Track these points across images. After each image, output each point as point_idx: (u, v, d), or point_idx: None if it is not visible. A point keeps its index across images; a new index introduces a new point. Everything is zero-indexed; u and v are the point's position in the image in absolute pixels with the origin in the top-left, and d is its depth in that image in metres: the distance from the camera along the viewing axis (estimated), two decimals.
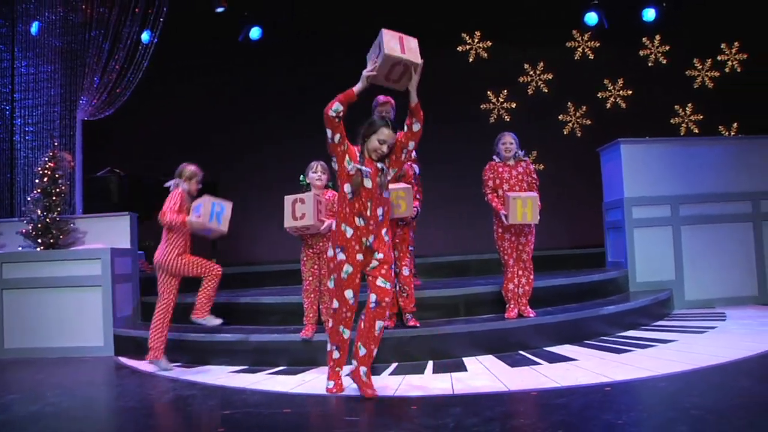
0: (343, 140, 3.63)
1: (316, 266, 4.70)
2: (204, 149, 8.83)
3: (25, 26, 7.02)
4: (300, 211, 4.44)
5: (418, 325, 4.81)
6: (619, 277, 6.51)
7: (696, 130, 9.80)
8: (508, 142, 5.12)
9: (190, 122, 9.46)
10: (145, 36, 7.31)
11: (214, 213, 4.66)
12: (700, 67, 9.90)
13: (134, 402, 3.80)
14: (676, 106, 9.88)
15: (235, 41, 9.34)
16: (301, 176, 4.76)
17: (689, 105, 9.87)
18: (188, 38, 8.64)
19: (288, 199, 4.47)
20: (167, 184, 4.94)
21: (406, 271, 4.83)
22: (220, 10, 8.41)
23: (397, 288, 4.83)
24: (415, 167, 5.06)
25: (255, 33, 9.31)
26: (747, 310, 6.21)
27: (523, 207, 4.76)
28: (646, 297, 5.99)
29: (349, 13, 9.10)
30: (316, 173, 4.70)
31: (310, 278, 4.72)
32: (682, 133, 9.76)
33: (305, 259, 4.72)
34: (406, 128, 3.75)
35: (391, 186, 3.97)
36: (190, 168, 4.96)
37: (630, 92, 9.90)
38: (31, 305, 5.85)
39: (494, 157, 5.18)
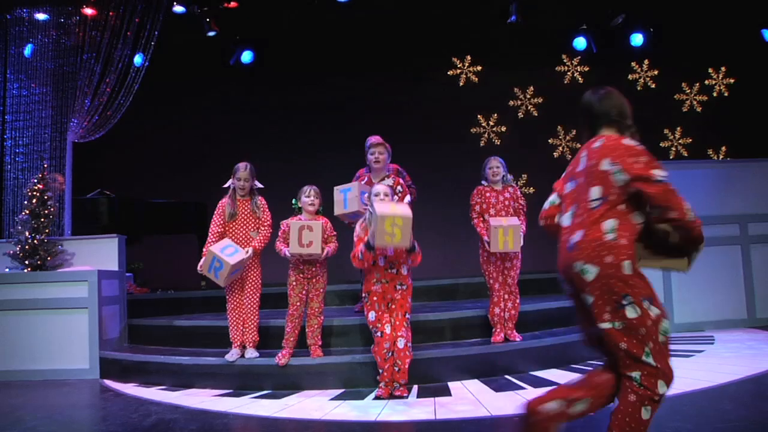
0: None
1: (304, 291, 4.70)
2: (195, 172, 8.88)
3: (17, 48, 7.08)
4: (308, 238, 4.50)
5: (405, 394, 4.24)
6: None
7: (685, 153, 9.89)
8: (494, 166, 5.16)
9: (180, 145, 9.51)
10: (137, 59, 7.37)
11: (213, 268, 4.61)
12: (689, 91, 10.03)
13: (115, 426, 3.76)
14: (665, 130, 9.97)
15: (227, 65, 9.42)
16: (294, 200, 4.78)
17: (678, 128, 9.97)
18: (179, 61, 8.71)
19: (295, 225, 4.51)
20: (226, 185, 4.93)
21: (401, 343, 4.23)
22: (211, 34, 8.49)
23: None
24: (408, 197, 5.09)
25: (247, 57, 9.39)
26: (736, 334, 6.20)
27: (505, 236, 4.79)
28: None
29: (341, 36, 9.21)
30: (309, 197, 4.72)
31: (297, 303, 4.71)
32: (671, 157, 9.84)
33: (294, 283, 4.71)
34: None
35: (383, 207, 3.99)
36: (237, 166, 4.94)
37: None
38: (17, 327, 5.81)
39: (482, 181, 5.22)
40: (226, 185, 4.91)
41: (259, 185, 4.98)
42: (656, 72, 9.96)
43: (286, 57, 9.46)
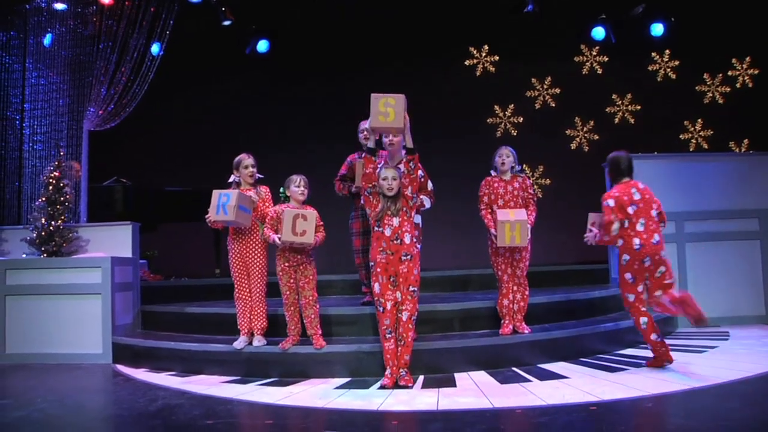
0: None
1: (292, 279, 4.72)
2: (209, 160, 8.92)
3: (36, 38, 7.17)
4: (301, 227, 4.47)
5: (411, 384, 4.19)
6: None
7: (706, 146, 9.69)
8: (504, 155, 5.11)
9: (195, 133, 9.59)
10: (155, 48, 7.43)
11: (220, 205, 4.56)
12: (711, 82, 9.81)
13: (121, 410, 3.82)
14: (685, 122, 9.79)
15: (242, 54, 9.44)
16: (281, 189, 4.77)
17: (699, 120, 9.77)
18: (194, 51, 8.76)
19: (290, 213, 4.47)
20: (230, 180, 4.92)
21: (405, 316, 4.29)
22: (227, 23, 8.51)
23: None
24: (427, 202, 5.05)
25: (263, 46, 9.40)
26: (752, 330, 6.09)
27: (512, 231, 4.74)
28: None
29: (357, 26, 9.18)
30: (299, 187, 4.71)
31: (288, 292, 4.74)
32: (691, 149, 9.66)
33: (281, 273, 4.73)
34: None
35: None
36: (238, 157, 4.92)
37: (638, 107, 9.83)
38: (33, 311, 5.93)
39: (491, 171, 5.17)
40: (229, 180, 4.91)
41: (260, 175, 4.98)
42: (677, 63, 9.76)
43: (301, 47, 9.47)
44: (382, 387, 4.18)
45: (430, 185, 5.00)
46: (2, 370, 5.49)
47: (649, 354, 4.62)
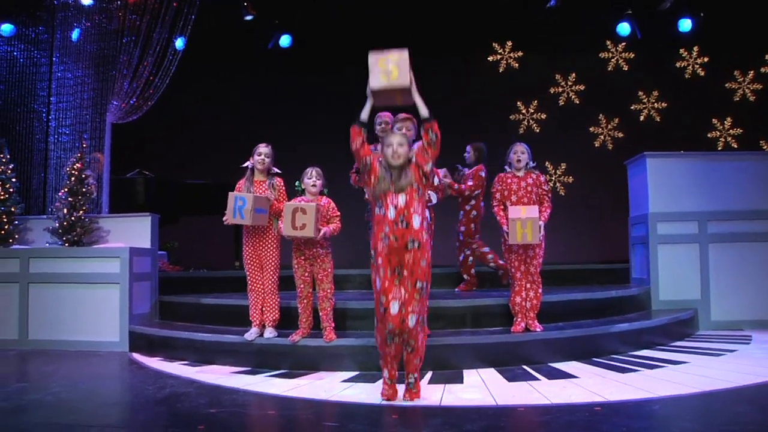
0: None
1: (307, 273, 4.73)
2: (230, 153, 9.01)
3: (63, 33, 7.33)
4: (301, 221, 4.42)
5: (417, 397, 3.67)
6: (640, 294, 6.31)
7: (735, 145, 9.45)
8: (519, 151, 5.06)
9: (216, 126, 9.70)
10: (179, 43, 7.53)
11: (236, 209, 4.62)
12: (741, 79, 9.55)
13: (130, 396, 3.90)
14: (713, 120, 9.55)
15: (264, 48, 9.51)
16: (297, 182, 4.78)
17: (728, 118, 9.53)
18: (216, 45, 8.86)
19: (288, 207, 4.45)
20: (245, 165, 4.98)
21: (412, 320, 3.49)
22: (249, 17, 8.58)
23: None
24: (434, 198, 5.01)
25: (285, 41, 9.46)
26: None
27: (523, 228, 4.69)
28: (666, 316, 5.79)
29: (379, 21, 9.17)
30: (311, 179, 4.70)
31: (302, 285, 4.76)
32: (719, 148, 9.43)
33: (296, 266, 4.74)
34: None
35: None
36: (257, 145, 4.98)
37: (665, 105, 9.63)
38: (54, 299, 6.07)
39: (505, 167, 5.13)
40: (244, 164, 4.96)
41: (277, 170, 5.01)
42: (706, 59, 9.53)
43: (321, 41, 9.49)
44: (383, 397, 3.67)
45: (437, 179, 4.87)
46: (23, 355, 5.64)
47: (666, 356, 4.53)
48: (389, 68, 3.59)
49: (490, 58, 9.96)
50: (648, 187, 6.55)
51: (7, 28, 7.82)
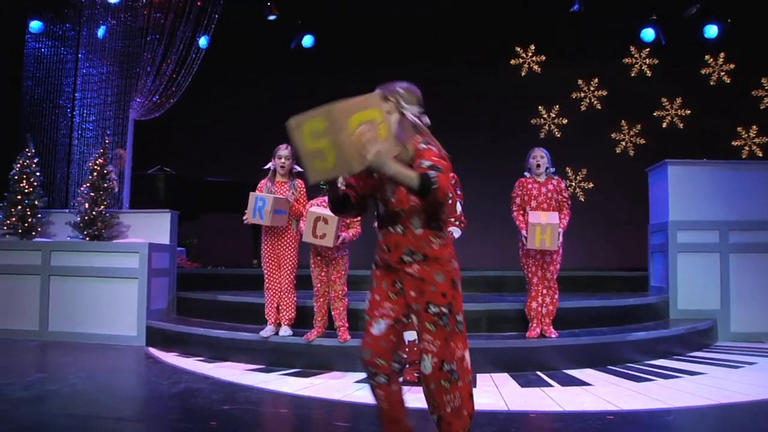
0: None
1: (324, 273, 4.76)
2: (251, 152, 9.08)
3: (89, 30, 7.44)
4: (321, 230, 4.49)
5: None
6: (658, 303, 6.24)
7: (760, 154, 9.27)
8: (538, 156, 5.05)
9: (237, 125, 9.77)
10: (202, 41, 7.60)
11: (256, 209, 4.69)
12: None
13: (145, 390, 3.95)
14: (738, 128, 9.39)
15: (286, 48, 9.57)
16: (322, 183, 4.78)
17: (753, 127, 9.35)
18: (239, 44, 8.92)
19: (312, 214, 4.52)
20: (267, 167, 5.03)
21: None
22: (272, 17, 8.64)
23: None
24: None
25: (308, 41, 9.51)
26: None
27: (542, 234, 4.68)
28: (684, 325, 5.71)
29: (401, 23, 9.18)
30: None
31: (318, 285, 4.79)
32: (744, 156, 9.26)
33: (314, 266, 4.78)
34: None
35: None
36: (278, 146, 5.01)
37: (688, 112, 9.49)
38: (74, 292, 6.17)
39: (525, 173, 5.11)
40: (266, 167, 5.00)
41: (299, 169, 5.04)
42: (732, 66, 9.37)
43: (344, 43, 9.51)
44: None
45: (459, 208, 4.30)
46: (44, 346, 5.74)
47: (683, 366, 4.46)
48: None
49: (512, 62, 9.91)
50: (669, 194, 6.48)
51: (35, 25, 7.96)
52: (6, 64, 8.13)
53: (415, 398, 3.69)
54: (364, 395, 3.86)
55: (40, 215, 6.61)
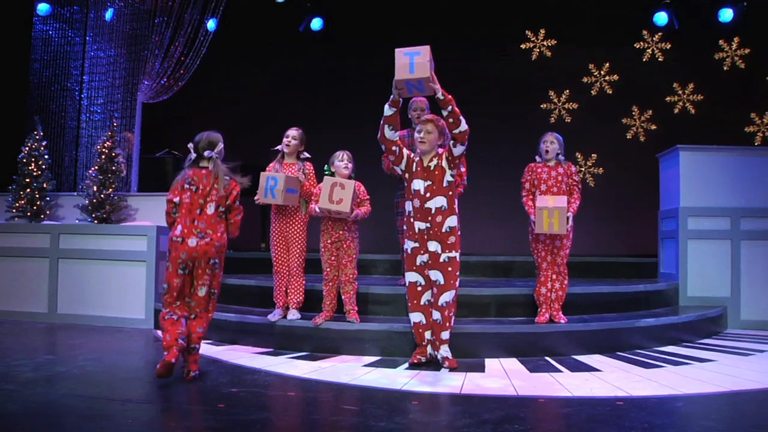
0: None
1: (333, 257, 4.74)
2: (259, 135, 9.04)
3: (97, 12, 7.40)
4: (338, 195, 4.44)
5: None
6: (668, 290, 6.19)
7: None
8: (549, 141, 5.00)
9: (246, 108, 9.70)
10: (211, 24, 7.55)
11: (268, 188, 4.65)
12: None
13: (151, 372, 3.94)
14: (752, 114, 9.26)
15: (295, 30, 9.49)
16: (326, 166, 4.77)
17: (767, 113, 9.22)
18: (248, 27, 8.85)
19: (328, 180, 4.48)
20: (276, 148, 5.00)
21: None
22: (280, 0, 8.56)
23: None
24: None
25: (317, 23, 9.42)
26: None
27: (550, 217, 4.62)
28: (694, 312, 5.67)
29: (411, 5, 9.08)
30: (342, 161, 4.71)
31: (328, 268, 4.78)
32: (757, 143, 9.14)
33: (323, 249, 4.76)
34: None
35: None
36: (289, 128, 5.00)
37: (701, 97, 9.36)
38: (83, 275, 6.19)
39: (536, 157, 5.06)
40: (275, 148, 4.97)
41: (307, 155, 5.00)
42: (747, 51, 9.21)
43: (354, 25, 9.42)
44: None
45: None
46: (52, 329, 5.77)
47: (692, 353, 4.43)
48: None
49: (522, 46, 9.79)
50: (680, 180, 6.42)
51: (43, 7, 7.91)
52: (14, 47, 8.10)
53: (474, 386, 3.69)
54: (372, 379, 3.87)
55: (48, 198, 6.62)
